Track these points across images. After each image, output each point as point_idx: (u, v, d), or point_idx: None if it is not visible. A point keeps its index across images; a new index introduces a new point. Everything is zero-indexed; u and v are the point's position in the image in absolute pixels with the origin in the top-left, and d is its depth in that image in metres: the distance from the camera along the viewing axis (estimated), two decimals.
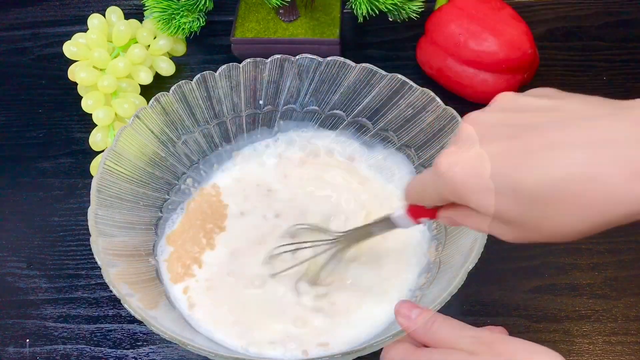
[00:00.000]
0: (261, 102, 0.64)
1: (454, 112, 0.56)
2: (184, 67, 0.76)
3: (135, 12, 0.79)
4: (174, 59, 0.75)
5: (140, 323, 0.49)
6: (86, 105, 0.68)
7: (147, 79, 0.71)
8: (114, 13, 0.73)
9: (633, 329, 0.56)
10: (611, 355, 0.55)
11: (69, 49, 0.69)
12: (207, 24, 0.73)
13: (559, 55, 0.75)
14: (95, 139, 0.68)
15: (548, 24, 0.78)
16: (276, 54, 0.62)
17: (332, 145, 0.64)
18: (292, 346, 0.53)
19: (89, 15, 0.72)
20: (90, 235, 0.51)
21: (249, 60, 0.61)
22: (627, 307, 0.57)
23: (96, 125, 0.68)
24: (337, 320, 0.54)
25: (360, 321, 0.54)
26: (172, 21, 0.70)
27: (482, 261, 0.48)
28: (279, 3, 0.68)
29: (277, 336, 0.53)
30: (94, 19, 0.71)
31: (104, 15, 0.72)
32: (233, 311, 0.55)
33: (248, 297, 0.56)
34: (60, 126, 0.72)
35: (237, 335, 0.54)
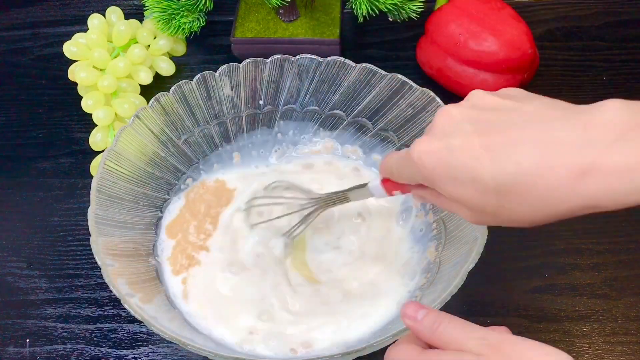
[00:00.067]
0: (261, 102, 0.64)
1: None
2: (184, 67, 0.76)
3: (135, 12, 0.79)
4: (174, 59, 0.75)
5: (140, 323, 0.49)
6: (86, 105, 0.68)
7: (147, 79, 0.71)
8: (114, 13, 0.73)
9: (633, 329, 0.56)
10: (611, 355, 0.55)
11: (69, 49, 0.69)
12: (207, 24, 0.73)
13: (559, 55, 0.75)
14: (95, 139, 0.68)
15: (548, 24, 0.77)
16: (276, 54, 0.62)
17: (332, 146, 0.65)
18: (273, 343, 0.53)
19: (89, 15, 0.72)
20: (90, 235, 0.51)
21: (249, 60, 0.61)
22: (627, 307, 0.57)
23: (96, 125, 0.68)
24: (328, 320, 0.54)
25: (354, 322, 0.54)
26: (172, 21, 0.70)
27: (482, 261, 0.48)
28: (279, 3, 0.68)
29: (259, 331, 0.54)
30: (94, 19, 0.71)
31: (104, 15, 0.72)
32: (223, 302, 0.56)
33: (240, 287, 0.56)
34: (60, 126, 0.72)
35: (225, 326, 0.54)
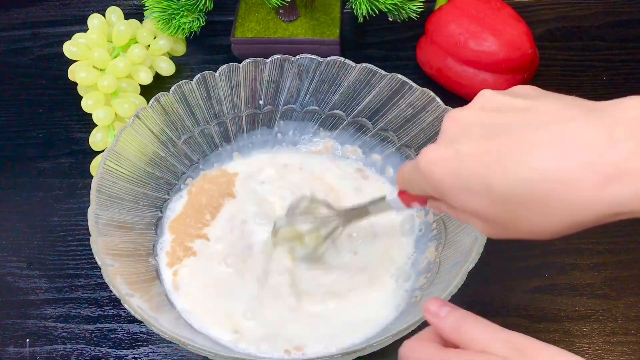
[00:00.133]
0: (261, 102, 0.64)
1: None
2: (184, 67, 0.76)
3: (135, 12, 0.79)
4: (174, 59, 0.75)
5: (140, 323, 0.49)
6: (86, 105, 0.68)
7: (147, 79, 0.71)
8: (114, 13, 0.73)
9: (633, 329, 0.56)
10: (611, 355, 0.55)
11: (69, 49, 0.69)
12: (207, 24, 0.73)
13: (559, 55, 0.75)
14: (95, 139, 0.68)
15: (548, 24, 0.77)
16: (276, 54, 0.62)
17: (332, 146, 0.65)
18: (264, 347, 0.52)
19: (89, 15, 0.72)
20: (90, 235, 0.51)
21: (249, 60, 0.61)
22: (627, 307, 0.57)
23: (96, 125, 0.68)
24: (320, 323, 0.54)
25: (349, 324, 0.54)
26: (172, 21, 0.70)
27: (482, 261, 0.48)
28: (279, 3, 0.68)
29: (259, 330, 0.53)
30: (94, 19, 0.71)
31: (104, 15, 0.72)
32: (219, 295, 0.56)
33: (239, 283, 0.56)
34: (60, 126, 0.72)
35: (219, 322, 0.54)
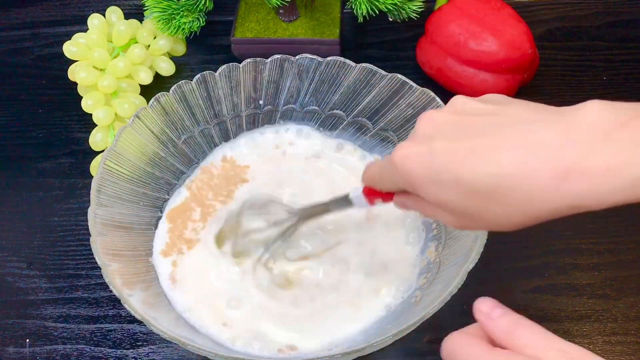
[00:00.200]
0: (261, 102, 0.64)
1: None
2: (184, 67, 0.76)
3: (135, 12, 0.79)
4: (174, 59, 0.75)
5: (140, 323, 0.49)
6: (86, 105, 0.68)
7: (147, 79, 0.71)
8: (114, 13, 0.73)
9: (633, 329, 0.56)
10: (611, 355, 0.55)
11: (69, 49, 0.69)
12: (207, 24, 0.73)
13: (559, 55, 0.75)
14: (95, 139, 0.68)
15: (548, 24, 0.77)
16: (276, 54, 0.62)
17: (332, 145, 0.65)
18: (256, 346, 0.52)
19: (89, 15, 0.72)
20: (90, 235, 0.51)
21: (249, 60, 0.61)
22: (627, 307, 0.57)
23: (96, 125, 0.68)
24: (312, 322, 0.54)
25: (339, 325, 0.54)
26: (172, 21, 0.70)
27: (482, 261, 0.48)
28: (279, 3, 0.68)
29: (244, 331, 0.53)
30: (94, 19, 0.71)
31: (104, 15, 0.72)
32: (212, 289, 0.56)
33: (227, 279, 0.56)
34: (60, 126, 0.72)
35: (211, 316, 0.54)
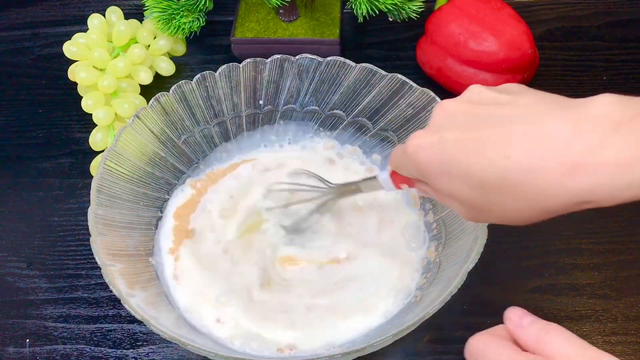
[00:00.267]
0: (261, 102, 0.64)
1: None
2: (184, 67, 0.76)
3: (135, 12, 0.79)
4: (174, 59, 0.75)
5: (140, 323, 0.49)
6: (86, 105, 0.68)
7: (147, 79, 0.71)
8: (114, 13, 0.73)
9: (633, 329, 0.56)
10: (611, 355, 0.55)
11: (69, 49, 0.69)
12: (207, 24, 0.73)
13: (559, 55, 0.75)
14: (95, 139, 0.68)
15: (548, 24, 0.77)
16: (276, 54, 0.62)
17: (332, 146, 0.65)
18: (254, 345, 0.52)
19: (89, 15, 0.72)
20: (90, 235, 0.51)
21: (249, 60, 0.61)
22: (627, 307, 0.57)
23: (96, 125, 0.68)
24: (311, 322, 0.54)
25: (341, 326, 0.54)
26: (172, 21, 0.70)
27: (482, 261, 0.48)
28: (279, 3, 0.68)
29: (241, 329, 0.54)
30: (94, 19, 0.71)
31: (104, 15, 0.72)
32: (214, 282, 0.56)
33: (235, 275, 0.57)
34: (60, 126, 0.72)
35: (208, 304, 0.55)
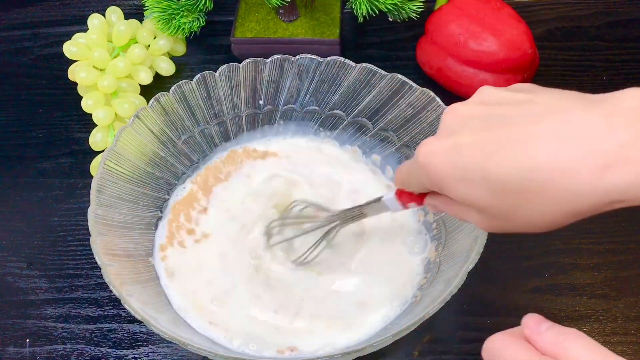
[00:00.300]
0: (261, 102, 0.64)
1: None
2: (184, 67, 0.76)
3: (135, 12, 0.79)
4: (174, 59, 0.75)
5: (140, 323, 0.49)
6: (86, 105, 0.68)
7: (147, 79, 0.71)
8: (114, 13, 0.73)
9: (633, 329, 0.56)
10: None
11: (69, 49, 0.69)
12: (207, 24, 0.73)
13: (559, 55, 0.75)
14: (95, 139, 0.68)
15: (548, 24, 0.77)
16: (276, 54, 0.62)
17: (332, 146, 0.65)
18: (253, 346, 0.52)
19: (89, 15, 0.72)
20: (90, 235, 0.51)
21: (249, 60, 0.61)
22: (627, 307, 0.57)
23: (96, 125, 0.68)
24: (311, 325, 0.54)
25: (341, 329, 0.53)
26: (172, 21, 0.70)
27: (482, 261, 0.48)
28: (279, 3, 0.68)
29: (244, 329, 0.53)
30: (94, 19, 0.71)
31: (104, 15, 0.72)
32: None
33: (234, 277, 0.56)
34: (60, 126, 0.72)
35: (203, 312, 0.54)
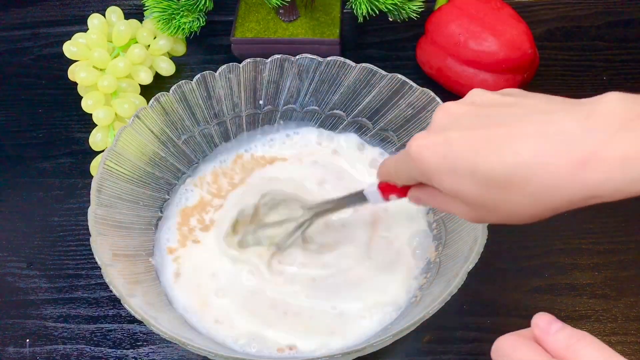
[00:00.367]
0: (261, 102, 0.64)
1: None
2: (184, 67, 0.76)
3: (135, 12, 0.79)
4: (174, 59, 0.75)
5: (140, 323, 0.49)
6: (86, 105, 0.68)
7: (147, 79, 0.71)
8: (114, 13, 0.73)
9: (633, 329, 0.56)
10: None
11: (69, 49, 0.69)
12: (207, 24, 0.73)
13: (559, 55, 0.75)
14: (95, 139, 0.68)
15: (548, 24, 0.77)
16: (276, 54, 0.62)
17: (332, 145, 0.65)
18: (254, 345, 0.52)
19: (89, 15, 0.72)
20: (90, 235, 0.51)
21: (249, 60, 0.61)
22: (627, 307, 0.57)
23: (96, 125, 0.68)
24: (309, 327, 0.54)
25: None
26: (172, 21, 0.70)
27: (482, 261, 0.48)
28: (279, 3, 0.68)
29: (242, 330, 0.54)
30: (94, 19, 0.71)
31: (104, 15, 0.72)
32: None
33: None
34: (60, 126, 0.72)
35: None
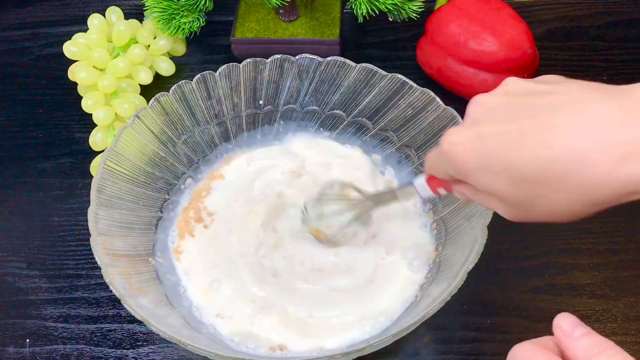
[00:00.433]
0: (261, 102, 0.64)
1: (454, 112, 0.56)
2: (184, 67, 0.76)
3: (135, 12, 0.79)
4: (174, 59, 0.75)
5: (140, 323, 0.49)
6: (86, 105, 0.68)
7: (147, 79, 0.71)
8: (114, 13, 0.73)
9: (633, 329, 0.56)
10: None
11: (69, 49, 0.69)
12: (207, 24, 0.73)
13: (559, 55, 0.75)
14: (95, 139, 0.68)
15: (548, 24, 0.77)
16: (276, 54, 0.62)
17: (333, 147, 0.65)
18: (250, 343, 0.53)
19: (89, 15, 0.72)
20: (90, 235, 0.51)
21: (249, 60, 0.61)
22: (627, 307, 0.57)
23: (96, 125, 0.68)
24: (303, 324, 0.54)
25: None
26: (172, 21, 0.70)
27: (482, 261, 0.48)
28: (279, 3, 0.68)
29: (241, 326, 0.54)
30: (94, 19, 0.71)
31: (104, 15, 0.72)
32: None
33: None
34: (60, 126, 0.72)
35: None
